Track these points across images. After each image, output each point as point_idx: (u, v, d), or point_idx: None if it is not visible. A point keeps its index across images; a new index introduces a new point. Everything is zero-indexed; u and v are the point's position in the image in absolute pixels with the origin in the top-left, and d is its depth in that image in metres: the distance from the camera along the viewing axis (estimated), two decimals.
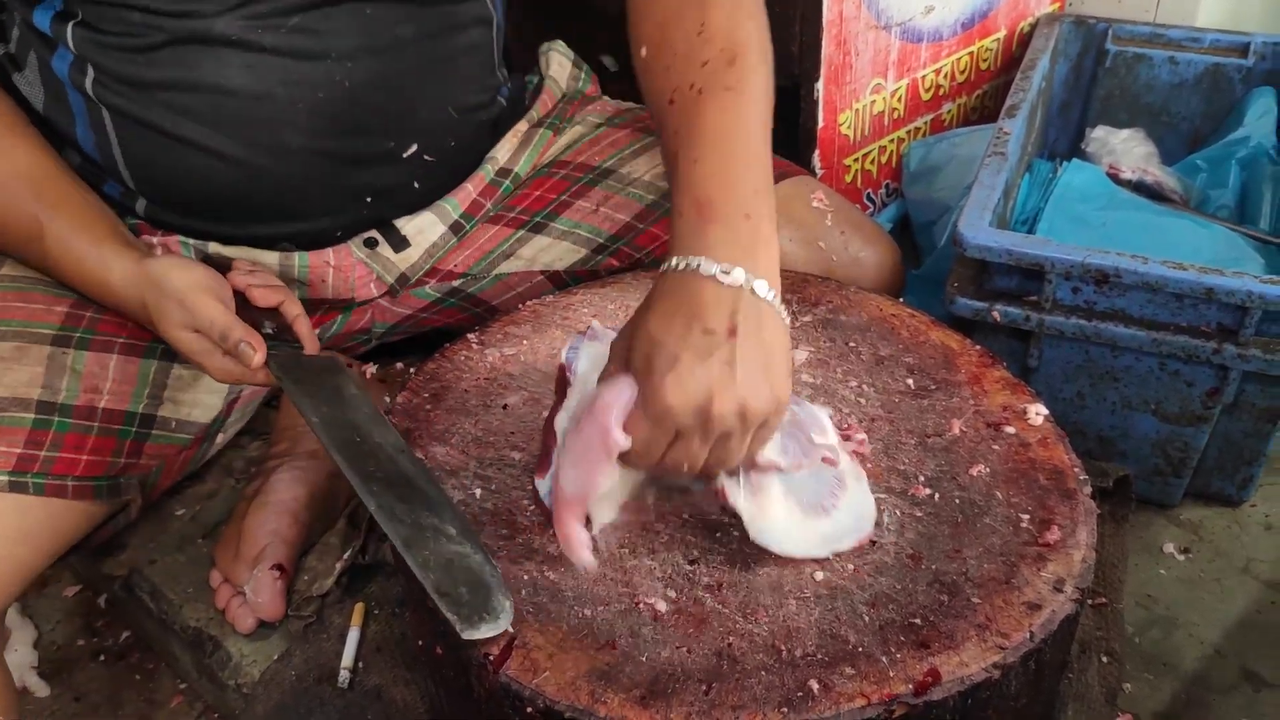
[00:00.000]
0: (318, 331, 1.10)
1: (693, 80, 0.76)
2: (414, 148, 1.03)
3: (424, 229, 1.08)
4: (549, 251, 1.13)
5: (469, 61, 1.06)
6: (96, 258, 0.92)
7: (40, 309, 0.96)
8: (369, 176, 1.03)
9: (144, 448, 0.98)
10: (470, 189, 1.10)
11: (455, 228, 1.11)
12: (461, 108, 1.06)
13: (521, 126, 1.14)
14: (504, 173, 1.13)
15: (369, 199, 1.04)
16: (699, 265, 0.67)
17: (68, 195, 0.94)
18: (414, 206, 1.08)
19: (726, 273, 0.66)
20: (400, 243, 1.08)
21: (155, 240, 1.02)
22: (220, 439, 1.09)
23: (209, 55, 0.93)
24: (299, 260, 1.05)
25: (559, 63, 1.22)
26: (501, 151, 1.12)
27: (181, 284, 0.88)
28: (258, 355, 0.88)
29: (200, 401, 1.02)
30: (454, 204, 1.09)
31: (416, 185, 1.06)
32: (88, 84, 0.95)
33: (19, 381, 0.92)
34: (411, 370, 1.16)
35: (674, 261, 0.68)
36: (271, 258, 1.04)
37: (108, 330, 0.98)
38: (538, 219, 1.13)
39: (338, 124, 0.97)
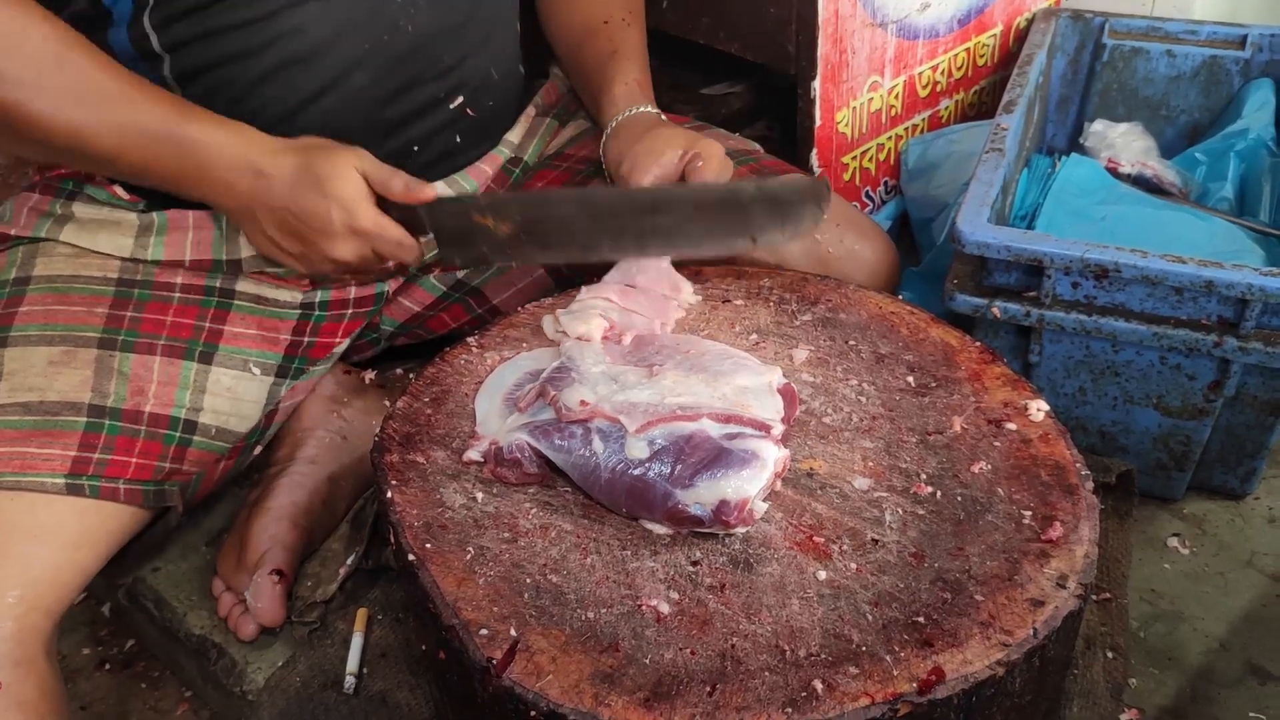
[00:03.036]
0: (346, 341, 1.11)
1: (622, 15, 1.16)
2: (460, 99, 1.08)
3: None
4: None
5: (502, 28, 1.12)
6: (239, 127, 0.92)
7: (82, 311, 0.97)
8: (418, 124, 1.06)
9: (186, 454, 0.98)
10: (488, 171, 1.13)
11: None
12: (500, 69, 1.12)
13: (530, 111, 1.20)
14: (515, 161, 1.16)
15: (415, 148, 1.07)
16: (647, 109, 1.09)
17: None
18: (448, 164, 1.11)
19: (658, 114, 1.10)
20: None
21: (189, 213, 1.02)
22: (257, 450, 1.09)
23: None
24: None
25: None
26: (514, 134, 1.16)
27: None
28: (429, 189, 0.91)
29: (239, 411, 1.02)
30: (473, 185, 1.12)
31: (459, 139, 1.10)
32: (154, 43, 0.95)
33: (70, 385, 0.92)
34: (411, 375, 1.16)
35: (635, 109, 1.08)
36: None
37: (149, 330, 0.98)
38: None
39: (399, 68, 1.01)
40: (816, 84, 1.32)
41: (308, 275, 1.04)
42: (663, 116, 1.09)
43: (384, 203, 0.92)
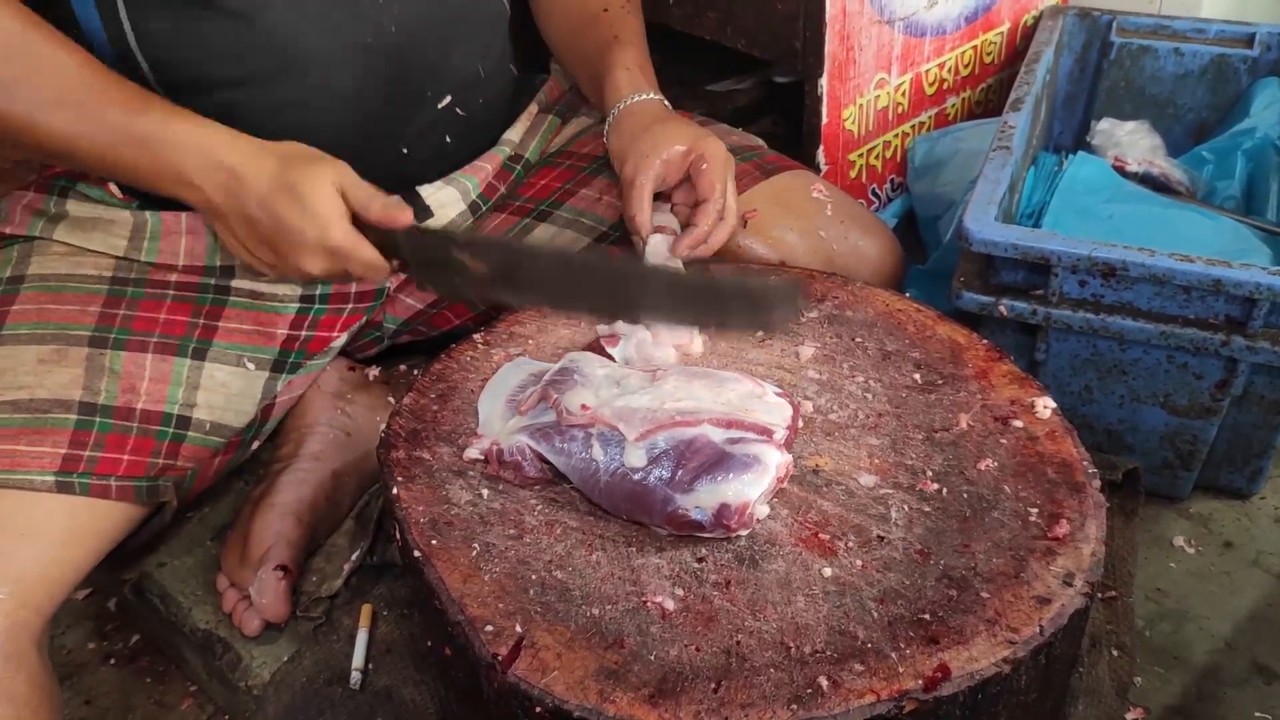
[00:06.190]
0: (346, 334, 1.11)
1: (621, 2, 1.15)
2: (448, 99, 1.07)
3: (446, 203, 1.11)
4: (554, 241, 1.14)
5: (491, 25, 1.11)
6: (217, 127, 0.89)
7: (75, 310, 0.96)
8: (406, 125, 1.05)
9: (180, 449, 0.98)
10: (488, 169, 1.13)
11: (473, 208, 1.13)
12: (489, 67, 1.11)
13: (532, 109, 1.19)
14: (516, 159, 1.16)
15: (404, 149, 1.06)
16: (650, 96, 1.08)
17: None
18: (442, 165, 1.10)
19: (661, 100, 1.09)
20: (423, 212, 1.09)
21: (182, 215, 1.01)
22: (255, 445, 1.09)
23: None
24: None
25: None
26: (515, 133, 1.16)
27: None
28: (406, 213, 0.88)
29: (234, 406, 1.02)
30: (474, 183, 1.12)
31: (448, 139, 1.09)
32: (130, 41, 0.93)
33: (60, 383, 0.92)
34: (416, 372, 1.16)
35: (638, 95, 1.07)
36: None
37: (141, 328, 0.98)
38: (543, 207, 1.16)
39: (383, 68, 1.00)
40: (823, 81, 1.32)
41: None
42: (666, 103, 1.08)
43: (359, 220, 0.89)
